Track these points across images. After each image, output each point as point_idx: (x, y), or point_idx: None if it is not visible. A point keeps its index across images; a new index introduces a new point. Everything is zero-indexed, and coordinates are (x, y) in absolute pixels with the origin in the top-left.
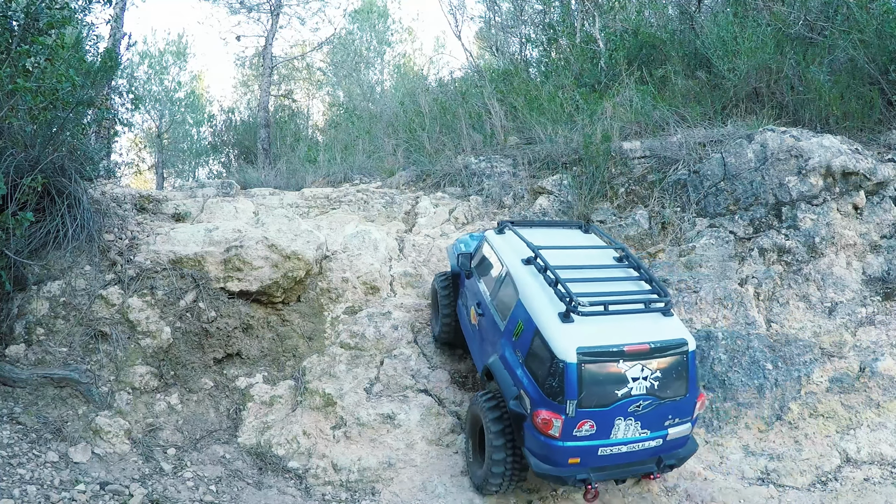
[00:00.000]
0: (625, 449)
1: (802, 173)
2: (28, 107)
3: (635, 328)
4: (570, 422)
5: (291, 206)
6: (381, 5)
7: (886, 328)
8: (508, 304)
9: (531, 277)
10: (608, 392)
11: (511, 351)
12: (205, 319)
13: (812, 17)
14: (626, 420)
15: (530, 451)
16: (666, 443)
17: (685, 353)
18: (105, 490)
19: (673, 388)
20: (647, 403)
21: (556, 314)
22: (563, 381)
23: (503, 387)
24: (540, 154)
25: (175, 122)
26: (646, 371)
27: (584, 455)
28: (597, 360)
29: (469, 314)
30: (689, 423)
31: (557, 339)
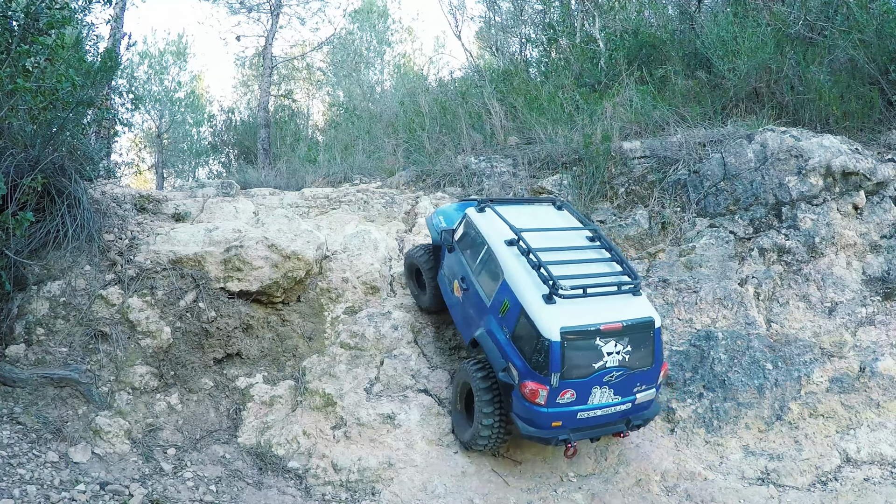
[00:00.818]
0: (599, 413)
1: (802, 173)
2: (28, 107)
3: (610, 308)
4: (554, 392)
5: (291, 206)
6: (381, 5)
7: (886, 328)
8: (493, 282)
9: (515, 259)
10: (587, 365)
11: (497, 326)
12: (205, 319)
13: (812, 17)
14: (601, 388)
15: (518, 417)
16: (634, 406)
17: (652, 330)
18: (105, 490)
19: (641, 360)
20: (620, 374)
21: (539, 296)
22: (548, 356)
23: (492, 359)
24: (540, 154)
25: (175, 122)
26: (618, 346)
27: (566, 419)
28: (577, 338)
29: (452, 286)
30: (653, 389)
31: (542, 319)
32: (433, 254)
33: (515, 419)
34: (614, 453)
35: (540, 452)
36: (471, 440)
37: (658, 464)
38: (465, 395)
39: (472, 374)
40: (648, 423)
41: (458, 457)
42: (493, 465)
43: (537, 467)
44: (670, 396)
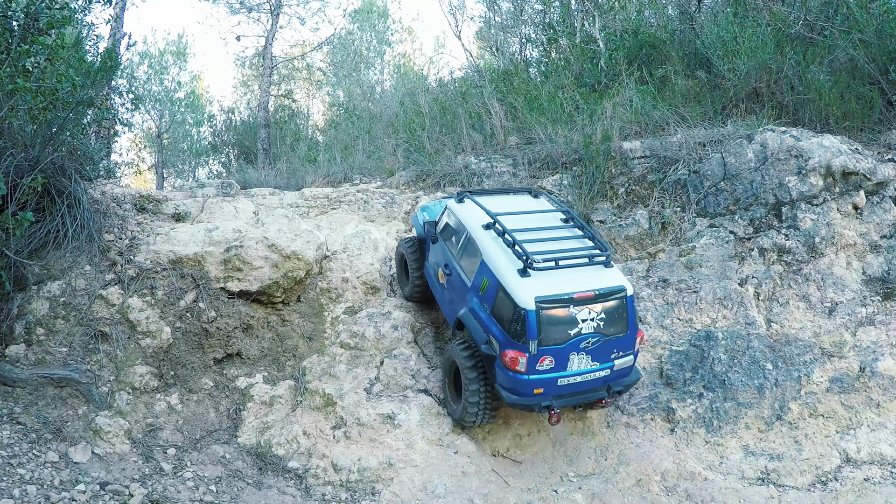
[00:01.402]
0: (579, 379)
1: (802, 173)
2: (28, 107)
3: (582, 279)
4: (533, 358)
5: (291, 206)
6: (381, 5)
7: (886, 328)
8: (473, 264)
9: (491, 240)
10: (562, 332)
11: (479, 304)
12: (205, 319)
13: (812, 17)
14: (578, 355)
15: (501, 387)
16: (613, 373)
17: (624, 298)
18: (105, 490)
19: (616, 326)
20: (595, 340)
21: (515, 271)
22: (525, 325)
23: (474, 334)
24: (540, 154)
25: (175, 122)
26: (592, 313)
27: (547, 386)
28: (552, 306)
29: (437, 274)
30: (631, 356)
31: (518, 291)
32: (419, 247)
33: (500, 390)
34: (614, 453)
35: (540, 452)
36: (461, 416)
37: (658, 464)
38: (453, 374)
39: (457, 352)
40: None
41: (458, 457)
42: (493, 465)
43: (537, 467)
44: (670, 396)
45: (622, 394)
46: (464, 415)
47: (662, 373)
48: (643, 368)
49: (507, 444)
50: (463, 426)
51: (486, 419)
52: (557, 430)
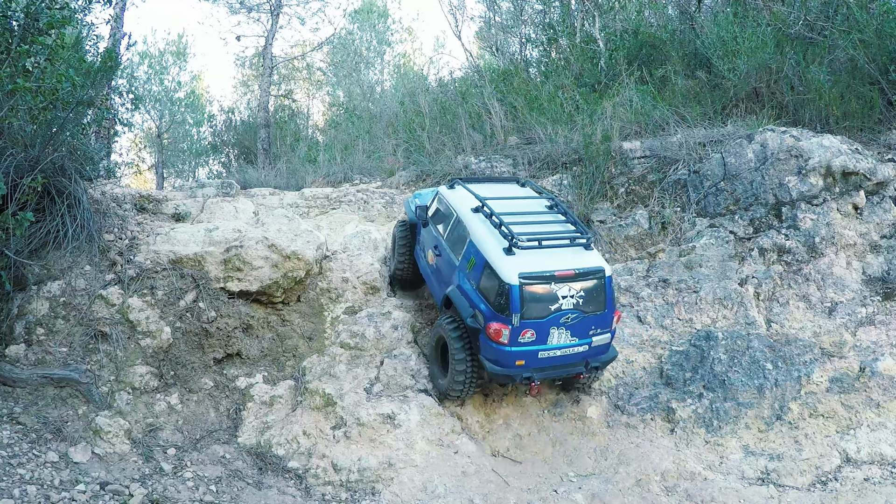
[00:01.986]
0: (559, 353)
1: (802, 173)
2: (28, 107)
3: (563, 258)
4: (516, 331)
5: (291, 206)
6: (381, 5)
7: (886, 328)
8: (462, 244)
9: (479, 222)
10: (543, 307)
11: (466, 281)
12: (205, 319)
13: (812, 17)
14: (558, 329)
15: (485, 358)
16: (591, 349)
17: (602, 278)
18: (105, 490)
19: (594, 304)
20: (575, 316)
21: (501, 249)
22: (509, 299)
23: (461, 308)
24: (540, 154)
25: (175, 122)
26: (572, 291)
27: (528, 358)
28: (534, 282)
29: (427, 256)
30: (608, 334)
31: (503, 267)
32: (409, 230)
33: (484, 361)
34: (614, 453)
35: (540, 452)
36: (447, 389)
37: (658, 464)
38: (440, 348)
39: (445, 327)
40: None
41: (458, 457)
42: (493, 465)
43: (537, 467)
44: (670, 396)
45: (599, 370)
46: (451, 386)
47: (662, 373)
48: (643, 368)
49: (507, 444)
50: (449, 398)
51: (470, 391)
52: (557, 430)
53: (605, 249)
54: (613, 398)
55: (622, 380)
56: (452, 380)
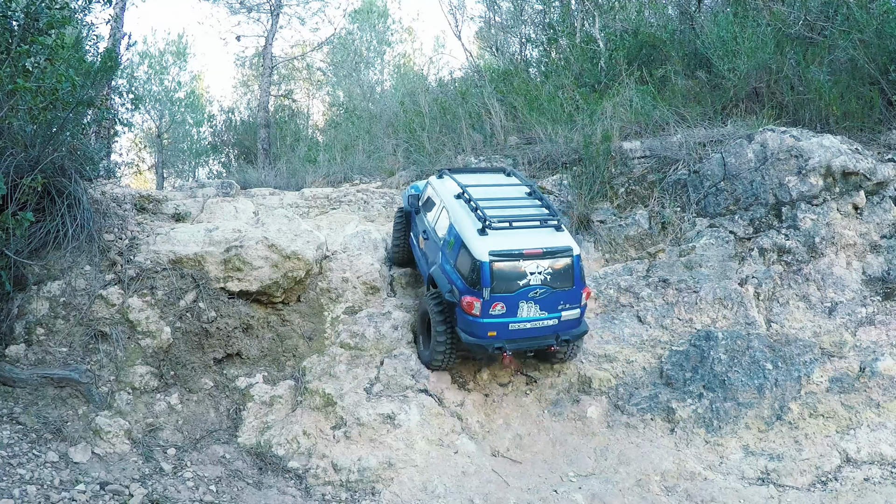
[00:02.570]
0: (529, 325)
1: (802, 173)
2: (28, 107)
3: (533, 238)
4: (487, 303)
5: (291, 206)
6: (381, 5)
7: (886, 328)
8: (444, 227)
9: (460, 207)
10: (513, 282)
11: (445, 259)
12: (205, 319)
13: (812, 17)
14: (528, 303)
15: (461, 329)
16: (561, 323)
17: (571, 256)
18: (105, 490)
19: (562, 281)
20: (543, 291)
21: (475, 230)
22: (480, 274)
23: (440, 284)
24: (540, 154)
25: (175, 122)
26: (540, 268)
27: (499, 329)
28: (503, 259)
29: (418, 241)
30: (578, 309)
31: (476, 246)
32: (404, 218)
33: (460, 332)
34: (614, 453)
35: (540, 452)
36: (430, 358)
37: (658, 464)
38: (425, 322)
39: (428, 302)
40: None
41: (458, 457)
42: (493, 465)
43: (537, 467)
44: (670, 396)
45: (570, 343)
46: (433, 356)
47: (662, 373)
48: (643, 368)
49: (507, 444)
50: (431, 368)
51: (451, 361)
52: (557, 430)
53: (605, 249)
54: (613, 398)
55: (622, 380)
56: (434, 349)
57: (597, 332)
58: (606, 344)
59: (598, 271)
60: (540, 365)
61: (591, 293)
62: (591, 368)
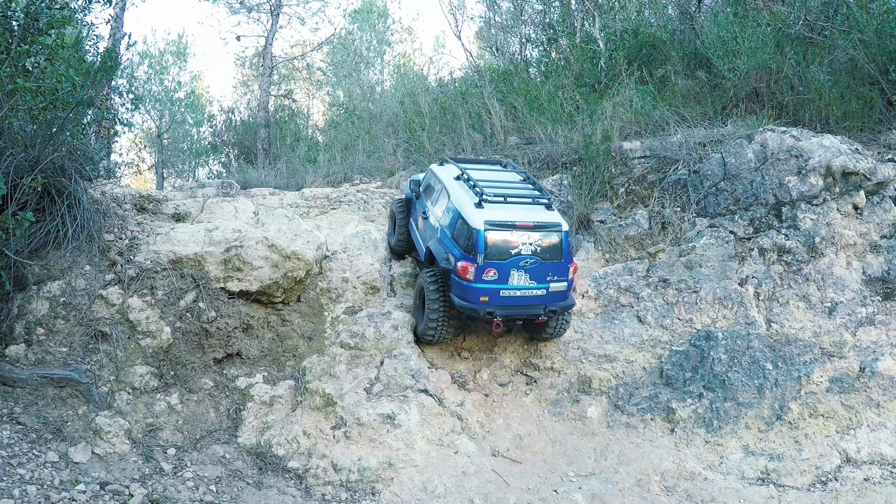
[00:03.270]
0: (519, 294)
1: (802, 173)
2: (28, 107)
3: (525, 213)
4: (480, 269)
5: (291, 206)
6: (381, 5)
7: (886, 328)
8: (443, 205)
9: (459, 187)
10: (505, 251)
11: (443, 232)
12: (205, 319)
13: (812, 17)
14: (518, 272)
15: (455, 295)
16: (549, 294)
17: (560, 232)
18: (105, 490)
19: (551, 254)
20: (533, 262)
21: (472, 203)
22: (475, 241)
23: (437, 254)
24: (540, 154)
25: (175, 122)
26: (531, 240)
27: (491, 295)
28: (497, 229)
29: (417, 223)
30: (565, 282)
31: (472, 217)
32: (406, 206)
33: (453, 298)
34: (614, 453)
35: (540, 452)
36: (423, 330)
37: (658, 464)
38: (421, 297)
39: (424, 277)
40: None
41: (458, 457)
42: (493, 465)
43: (537, 467)
44: (670, 396)
45: (557, 314)
46: (426, 326)
47: (662, 373)
48: (643, 368)
49: (507, 444)
50: (425, 339)
51: (444, 334)
52: (557, 430)
53: (605, 249)
54: (613, 398)
55: (622, 380)
56: (427, 318)
57: (597, 332)
58: (606, 344)
59: (598, 271)
60: (540, 364)
61: (577, 268)
62: (591, 368)
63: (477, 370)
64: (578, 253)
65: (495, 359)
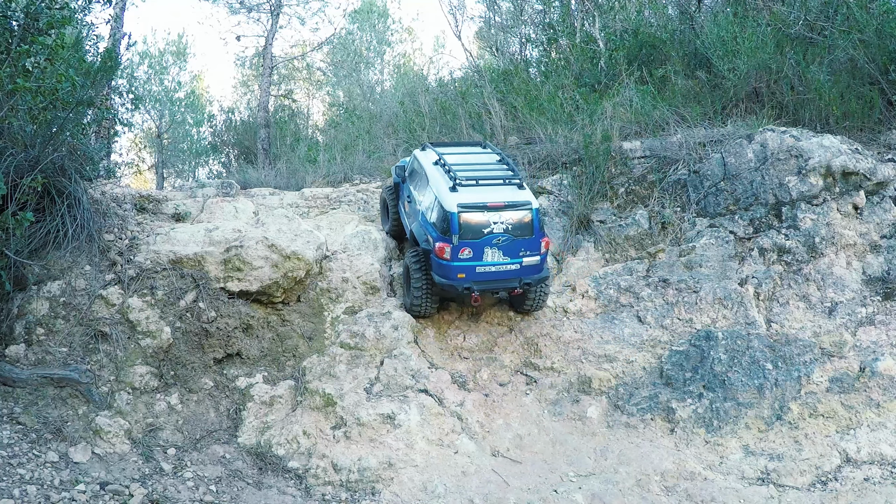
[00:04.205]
0: (493, 269)
1: (802, 173)
2: (28, 107)
3: (496, 194)
4: (455, 248)
5: (291, 206)
6: (381, 5)
7: (886, 328)
8: (424, 189)
9: (437, 171)
10: (478, 230)
11: (423, 216)
12: (205, 319)
13: (812, 17)
14: (492, 249)
15: (435, 273)
16: (522, 268)
17: (530, 210)
18: (105, 490)
19: (522, 230)
20: (505, 239)
21: (447, 188)
22: (450, 223)
23: (418, 236)
24: (540, 154)
25: (175, 122)
26: (503, 218)
27: (467, 272)
28: (470, 210)
29: (404, 206)
30: (538, 256)
31: (447, 200)
32: (395, 190)
33: (434, 276)
34: (614, 453)
35: (540, 452)
36: (409, 305)
37: (658, 464)
38: (407, 274)
39: (409, 258)
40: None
41: (458, 457)
42: (493, 465)
43: (537, 467)
44: (670, 396)
45: (532, 286)
46: (412, 301)
47: (662, 373)
48: (643, 368)
49: (507, 444)
50: (411, 313)
51: (428, 308)
52: (557, 430)
53: (605, 249)
54: (613, 398)
55: (622, 380)
56: (412, 294)
57: (597, 332)
58: (606, 344)
59: (598, 271)
60: (540, 364)
61: (550, 243)
62: (591, 368)
63: (477, 370)
64: (578, 253)
65: (495, 359)
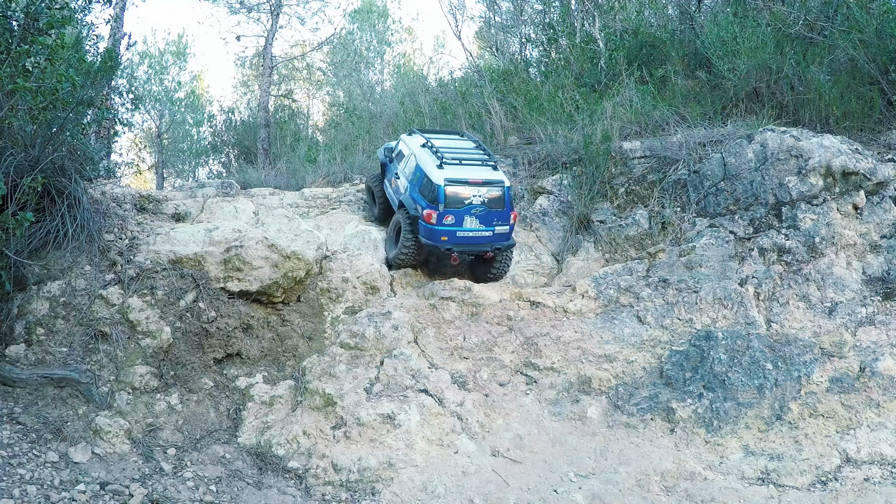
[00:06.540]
0: (471, 234)
1: (802, 173)
2: (28, 107)
3: (476, 172)
4: (441, 215)
5: (291, 206)
6: (381, 5)
7: (886, 328)
8: (412, 167)
9: (424, 152)
10: (459, 201)
11: (413, 189)
12: (205, 319)
13: (812, 17)
14: (470, 217)
15: (422, 236)
16: (494, 235)
17: (503, 187)
18: (105, 490)
19: (496, 204)
20: (482, 210)
21: (435, 166)
22: (437, 194)
23: (407, 205)
24: (540, 154)
25: (175, 122)
26: (480, 193)
27: (450, 235)
28: (454, 184)
29: (391, 182)
30: (508, 226)
31: (435, 175)
32: (380, 176)
33: (421, 238)
34: (614, 453)
35: (540, 452)
36: (395, 256)
37: (658, 464)
38: (396, 230)
39: (402, 217)
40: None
41: (458, 457)
42: (493, 465)
43: (537, 467)
44: (670, 396)
45: (501, 251)
46: (398, 254)
47: (662, 373)
48: (643, 368)
49: (507, 444)
50: (395, 264)
51: (411, 260)
52: (557, 430)
53: (605, 249)
54: (613, 398)
55: (622, 380)
56: (401, 248)
57: (597, 332)
58: (606, 344)
59: (598, 271)
60: (540, 364)
61: (517, 215)
62: (591, 368)
63: (477, 370)
64: (578, 253)
65: (495, 359)
